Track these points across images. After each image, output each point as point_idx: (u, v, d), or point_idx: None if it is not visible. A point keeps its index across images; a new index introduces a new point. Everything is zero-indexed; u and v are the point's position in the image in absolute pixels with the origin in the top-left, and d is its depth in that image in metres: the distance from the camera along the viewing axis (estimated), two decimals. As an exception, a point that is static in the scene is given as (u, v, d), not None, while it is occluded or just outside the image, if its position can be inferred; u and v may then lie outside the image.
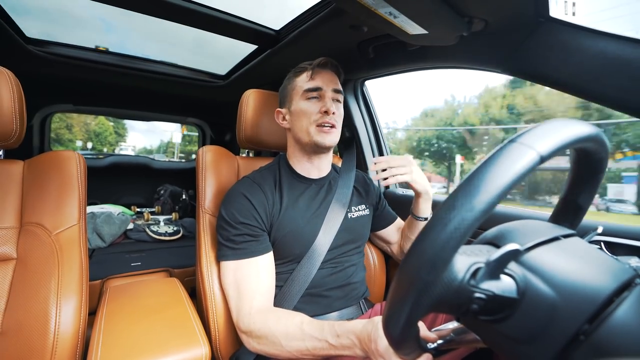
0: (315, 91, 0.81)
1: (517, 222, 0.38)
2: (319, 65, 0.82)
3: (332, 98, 0.81)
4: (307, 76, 0.82)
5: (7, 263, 0.71)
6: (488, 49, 0.74)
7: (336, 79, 0.84)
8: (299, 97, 0.82)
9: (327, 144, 0.80)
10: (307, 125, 0.80)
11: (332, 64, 0.83)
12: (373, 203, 0.97)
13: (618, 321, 0.26)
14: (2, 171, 0.76)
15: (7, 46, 1.21)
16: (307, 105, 0.81)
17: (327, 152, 0.87)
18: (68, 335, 0.69)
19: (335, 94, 0.82)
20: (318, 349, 0.61)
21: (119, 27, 1.33)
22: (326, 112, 0.78)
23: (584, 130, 0.30)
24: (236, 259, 0.74)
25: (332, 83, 0.82)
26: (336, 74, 0.85)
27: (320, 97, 0.81)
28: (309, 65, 0.83)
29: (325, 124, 0.79)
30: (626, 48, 0.54)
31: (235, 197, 0.78)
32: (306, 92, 0.81)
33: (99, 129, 18.71)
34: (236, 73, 1.60)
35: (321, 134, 0.79)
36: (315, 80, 0.81)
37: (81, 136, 17.98)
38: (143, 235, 1.77)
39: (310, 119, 0.80)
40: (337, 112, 0.82)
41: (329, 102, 0.79)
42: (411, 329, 0.30)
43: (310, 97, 0.81)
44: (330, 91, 0.81)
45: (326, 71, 0.83)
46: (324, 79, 0.81)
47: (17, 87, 0.74)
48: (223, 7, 1.05)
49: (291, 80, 0.86)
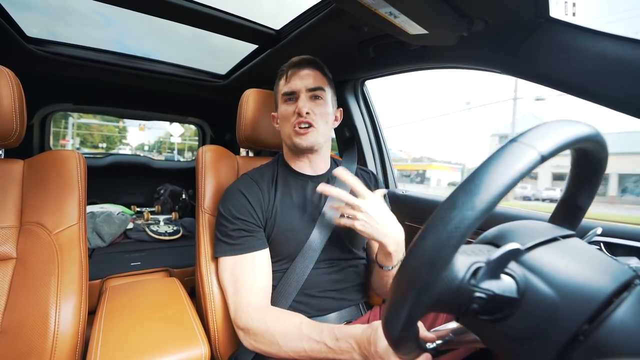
0: (291, 94, 0.81)
1: (517, 222, 0.39)
2: (294, 66, 0.81)
3: (310, 97, 0.80)
4: (284, 80, 0.83)
5: (6, 262, 0.71)
6: (488, 49, 0.74)
7: (315, 74, 0.82)
8: (280, 101, 0.84)
9: (305, 144, 0.79)
10: (287, 129, 0.81)
11: (306, 61, 0.82)
12: None
13: (617, 322, 0.26)
14: (2, 170, 0.76)
15: (7, 45, 1.21)
16: (285, 109, 0.82)
17: (312, 153, 0.84)
18: (67, 334, 0.69)
19: (312, 92, 0.81)
20: (316, 351, 0.61)
21: (119, 22, 1.33)
22: (299, 113, 0.78)
23: (585, 130, 0.30)
24: (233, 255, 0.75)
25: (307, 81, 0.80)
26: (315, 69, 0.82)
27: (296, 99, 0.81)
28: (286, 68, 0.83)
29: (300, 125, 0.78)
30: (626, 49, 0.54)
31: (233, 193, 0.79)
32: (284, 96, 0.82)
33: (109, 132, 25.85)
34: (236, 73, 1.60)
35: (298, 135, 0.79)
36: (289, 83, 0.81)
37: (99, 140, 25.60)
38: (143, 234, 1.77)
39: (289, 122, 0.81)
40: (316, 110, 0.80)
41: (302, 103, 0.78)
42: (411, 328, 0.30)
43: (287, 100, 0.82)
44: (305, 91, 0.80)
45: (302, 70, 0.81)
46: (299, 80, 0.80)
47: (17, 86, 0.74)
48: (223, 6, 1.05)
49: (276, 83, 0.87)
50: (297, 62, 0.82)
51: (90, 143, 24.04)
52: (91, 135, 24.94)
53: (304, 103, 0.79)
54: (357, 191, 0.69)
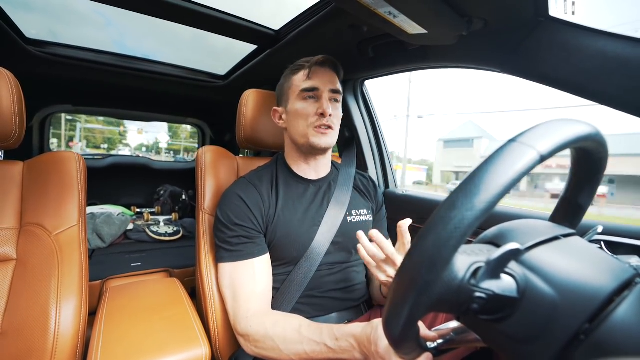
0: (312, 91, 0.78)
1: (517, 221, 0.38)
2: (317, 64, 0.78)
3: (329, 98, 0.79)
4: (304, 75, 0.79)
5: (7, 264, 0.71)
6: (488, 49, 0.74)
7: (335, 78, 0.81)
8: (296, 96, 0.80)
9: (323, 145, 0.78)
10: (303, 126, 0.78)
11: (330, 62, 0.80)
12: (374, 208, 0.94)
13: (618, 320, 0.26)
14: (2, 172, 0.76)
15: (6, 47, 1.21)
16: (303, 105, 0.78)
17: (324, 154, 0.84)
18: (68, 335, 0.69)
19: (333, 94, 0.79)
20: (317, 352, 0.61)
21: (119, 23, 1.33)
22: (322, 114, 0.76)
23: (584, 129, 0.30)
24: (232, 261, 0.73)
25: (330, 83, 0.79)
26: (335, 72, 0.81)
27: (317, 98, 0.78)
28: (307, 63, 0.79)
29: (322, 126, 0.77)
30: (626, 47, 0.54)
31: (231, 198, 0.77)
32: (303, 92, 0.78)
33: (110, 134, 29.43)
34: (236, 73, 1.60)
35: (318, 135, 0.77)
36: (312, 79, 0.78)
37: (101, 141, 28.96)
38: (143, 235, 1.77)
39: (307, 120, 0.78)
40: (335, 114, 0.79)
41: (326, 104, 0.76)
42: (412, 328, 0.30)
43: (306, 97, 0.78)
44: (327, 91, 0.78)
45: (324, 70, 0.79)
46: (322, 78, 0.78)
47: (17, 87, 0.74)
48: (223, 7, 1.05)
49: (288, 78, 0.83)
50: (322, 60, 0.78)
51: (93, 144, 27.54)
52: (94, 137, 28.11)
53: (327, 104, 0.77)
54: (389, 253, 0.64)
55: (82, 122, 19.89)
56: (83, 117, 17.15)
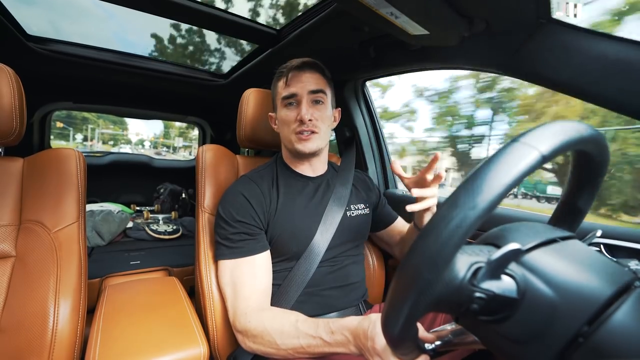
0: (291, 97, 0.79)
1: (517, 223, 0.38)
2: (294, 69, 0.78)
3: (311, 100, 0.79)
4: (284, 82, 0.80)
5: (5, 261, 0.71)
6: (489, 50, 0.74)
7: (316, 77, 0.80)
8: (279, 104, 0.81)
9: (307, 151, 0.79)
10: (287, 133, 0.80)
11: (308, 64, 0.79)
12: (373, 202, 0.97)
13: (617, 323, 0.26)
14: (2, 168, 0.76)
15: (8, 43, 1.21)
16: (286, 113, 0.80)
17: (314, 157, 0.84)
18: (66, 333, 0.69)
19: (314, 95, 0.79)
20: (313, 346, 0.61)
21: (121, 17, 1.33)
22: (301, 120, 0.76)
23: (586, 131, 0.30)
24: (233, 258, 0.74)
25: (309, 84, 0.78)
26: (317, 72, 0.81)
27: (298, 103, 0.78)
28: (285, 69, 0.79)
29: (303, 132, 0.77)
30: (627, 50, 0.54)
31: (233, 195, 0.77)
32: (284, 100, 0.80)
33: (114, 131, 33.64)
34: (237, 72, 1.60)
35: (300, 141, 0.78)
36: (290, 86, 0.78)
37: (108, 138, 32.31)
38: (142, 233, 1.77)
39: (289, 127, 0.79)
40: (318, 115, 0.78)
41: (304, 109, 0.76)
42: (410, 328, 0.30)
43: (288, 104, 0.79)
44: (306, 95, 0.78)
45: (302, 73, 0.79)
46: (300, 83, 0.78)
47: (18, 84, 0.74)
48: (225, 6, 1.05)
49: (274, 84, 0.84)
50: (298, 65, 0.79)
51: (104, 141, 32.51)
52: (102, 134, 32.89)
53: (306, 109, 0.77)
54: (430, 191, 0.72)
55: (99, 128, 28.43)
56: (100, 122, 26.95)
